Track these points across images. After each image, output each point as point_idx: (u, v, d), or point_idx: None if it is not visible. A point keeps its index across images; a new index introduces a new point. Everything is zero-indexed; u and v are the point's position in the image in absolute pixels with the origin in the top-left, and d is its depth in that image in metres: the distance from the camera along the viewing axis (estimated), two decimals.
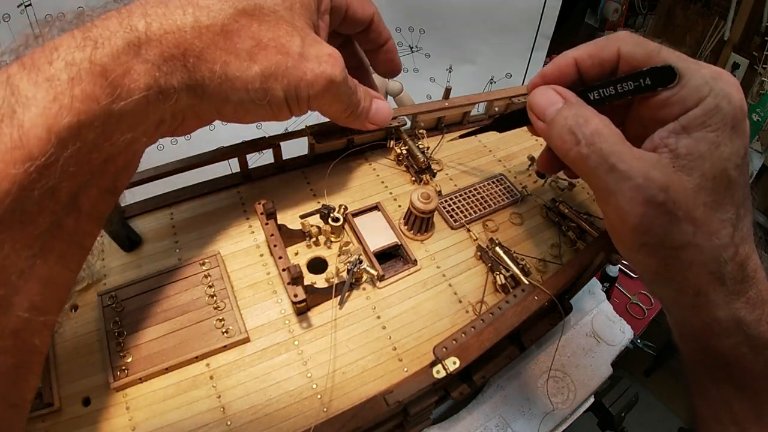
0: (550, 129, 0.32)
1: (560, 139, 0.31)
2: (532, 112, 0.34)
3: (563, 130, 0.31)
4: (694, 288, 0.30)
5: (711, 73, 0.28)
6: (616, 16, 1.28)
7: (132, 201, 0.47)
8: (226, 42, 0.28)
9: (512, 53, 0.94)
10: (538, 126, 0.34)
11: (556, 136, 0.32)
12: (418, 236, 0.47)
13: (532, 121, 0.35)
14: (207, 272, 0.41)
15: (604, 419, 0.62)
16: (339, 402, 0.36)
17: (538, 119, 0.34)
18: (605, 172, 0.28)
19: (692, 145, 0.28)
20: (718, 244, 0.29)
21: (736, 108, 0.28)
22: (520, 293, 0.41)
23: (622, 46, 0.31)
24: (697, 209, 0.28)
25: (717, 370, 0.34)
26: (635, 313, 0.91)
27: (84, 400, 0.35)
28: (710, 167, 0.28)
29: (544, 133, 0.34)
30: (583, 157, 0.29)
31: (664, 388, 1.30)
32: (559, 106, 0.32)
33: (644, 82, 0.30)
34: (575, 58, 0.34)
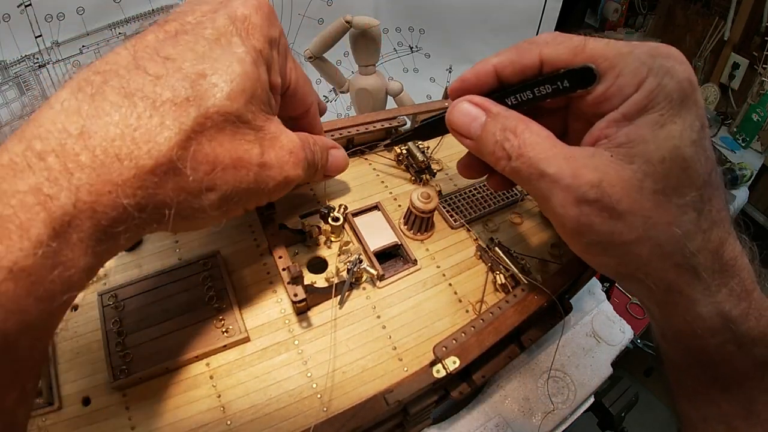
0: (480, 146, 0.31)
1: (492, 156, 0.30)
2: (455, 131, 0.33)
3: (495, 147, 0.29)
4: (662, 284, 0.28)
5: (648, 51, 0.26)
6: (616, 16, 1.28)
7: None
8: (175, 179, 0.22)
9: None
10: (466, 144, 0.33)
11: (487, 153, 0.30)
12: (418, 236, 0.47)
13: (457, 139, 0.33)
14: (207, 272, 0.41)
15: (604, 419, 0.62)
16: (339, 402, 0.36)
17: (463, 138, 0.32)
18: (537, 179, 0.27)
19: (633, 131, 0.26)
20: (679, 234, 0.26)
21: (681, 80, 0.25)
22: (520, 293, 0.41)
23: (543, 49, 0.29)
24: (644, 199, 0.25)
25: (703, 371, 0.32)
26: (635, 313, 0.91)
27: (84, 400, 0.35)
28: (656, 150, 0.25)
29: (474, 149, 0.32)
30: (515, 170, 0.29)
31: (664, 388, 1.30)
32: (482, 120, 0.31)
33: (562, 85, 0.29)
34: (494, 66, 0.32)
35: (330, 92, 0.96)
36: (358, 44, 0.60)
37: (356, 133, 0.51)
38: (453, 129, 0.33)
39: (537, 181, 0.28)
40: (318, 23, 0.86)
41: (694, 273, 0.27)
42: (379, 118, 0.54)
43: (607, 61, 0.26)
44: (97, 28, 0.70)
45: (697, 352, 0.31)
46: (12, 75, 0.67)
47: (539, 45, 0.29)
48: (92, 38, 0.70)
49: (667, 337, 0.33)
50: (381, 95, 0.66)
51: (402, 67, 0.97)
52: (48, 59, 0.68)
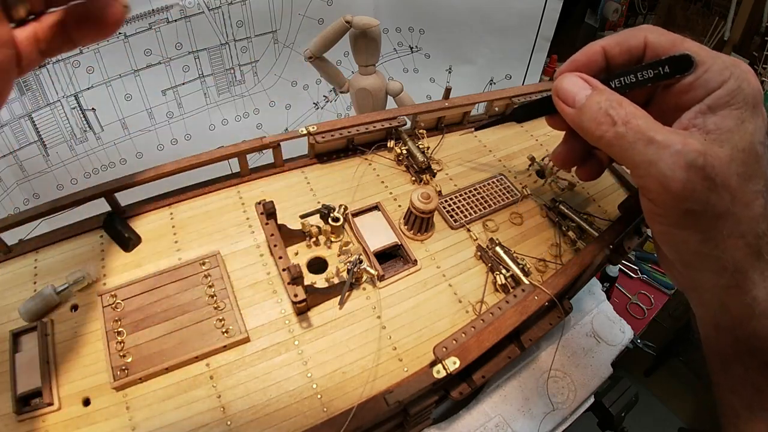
0: (582, 114, 0.33)
1: (595, 122, 0.32)
2: (560, 99, 0.34)
3: (598, 113, 0.31)
4: (732, 263, 0.31)
5: (730, 60, 0.30)
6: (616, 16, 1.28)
7: (132, 201, 0.47)
8: None
9: (512, 54, 0.94)
10: (567, 112, 0.34)
11: (590, 119, 0.32)
12: (418, 236, 0.47)
13: (559, 108, 0.35)
14: (207, 272, 0.41)
15: (604, 419, 0.62)
16: (339, 402, 0.36)
17: (566, 105, 0.34)
18: (644, 145, 0.29)
19: (720, 121, 0.29)
20: (753, 215, 0.29)
21: (755, 90, 0.29)
22: (520, 293, 0.41)
23: (649, 34, 0.32)
24: (732, 178, 0.29)
25: (751, 357, 0.34)
26: (635, 313, 0.91)
27: (84, 400, 0.35)
28: (739, 140, 0.29)
29: (573, 118, 0.34)
30: (621, 136, 0.30)
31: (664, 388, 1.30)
32: (589, 92, 0.33)
33: (663, 70, 0.31)
34: (603, 47, 0.35)
35: (330, 92, 0.96)
36: (358, 44, 0.60)
37: (356, 133, 0.51)
38: (559, 95, 0.35)
39: (645, 147, 0.29)
40: (318, 23, 0.86)
41: (759, 255, 0.30)
42: (379, 118, 0.54)
43: (700, 57, 0.30)
44: None
45: (748, 338, 0.33)
46: None
47: (644, 30, 0.33)
48: None
49: (721, 325, 0.35)
50: (381, 95, 0.66)
51: (402, 67, 0.97)
52: (48, 59, 0.68)
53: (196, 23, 0.77)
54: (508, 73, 0.97)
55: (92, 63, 0.72)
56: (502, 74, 0.97)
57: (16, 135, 0.71)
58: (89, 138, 0.78)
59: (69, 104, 0.73)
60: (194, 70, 0.81)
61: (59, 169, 0.77)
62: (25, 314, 0.37)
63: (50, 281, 0.40)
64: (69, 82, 0.72)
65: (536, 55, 0.93)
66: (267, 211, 0.42)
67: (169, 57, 0.78)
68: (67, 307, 0.39)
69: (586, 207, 0.52)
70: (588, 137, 0.33)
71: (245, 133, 0.88)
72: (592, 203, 0.53)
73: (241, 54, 0.84)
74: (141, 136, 0.82)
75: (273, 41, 0.86)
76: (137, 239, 0.44)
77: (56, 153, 0.76)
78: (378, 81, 0.65)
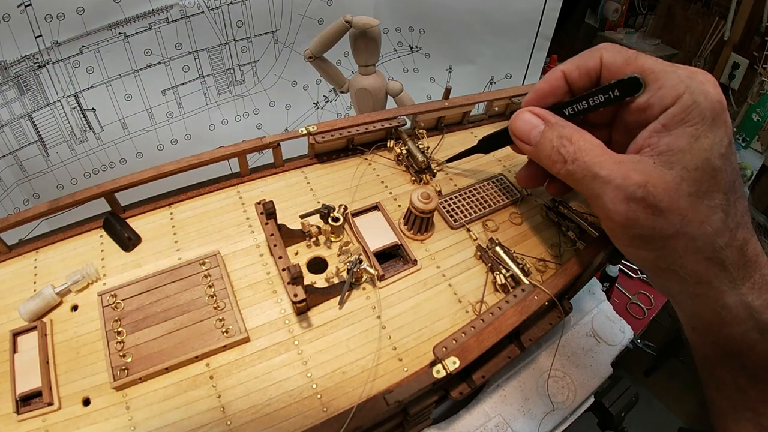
0: (538, 151, 0.35)
1: (549, 160, 0.34)
2: (517, 137, 0.37)
3: (552, 151, 0.34)
4: (694, 276, 0.31)
5: (686, 73, 0.31)
6: (616, 16, 1.28)
7: (132, 201, 0.47)
8: None
9: (512, 54, 0.94)
10: (525, 149, 0.37)
11: (544, 157, 0.35)
12: (418, 236, 0.47)
13: (518, 145, 0.37)
14: (207, 272, 0.41)
15: (604, 419, 0.62)
16: (339, 402, 0.36)
17: (522, 143, 0.37)
18: (590, 180, 0.31)
19: (672, 141, 0.30)
20: (710, 231, 0.30)
21: (713, 102, 0.29)
22: (520, 293, 0.41)
23: (603, 53, 0.34)
24: (681, 199, 0.29)
25: (730, 360, 0.34)
26: (635, 313, 0.91)
27: (84, 400, 0.35)
28: (691, 159, 0.29)
29: (531, 155, 0.36)
30: (570, 173, 0.33)
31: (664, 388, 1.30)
32: (541, 128, 0.35)
33: (613, 94, 0.33)
34: (563, 71, 0.36)
35: (330, 92, 0.96)
36: (358, 44, 0.60)
37: (356, 133, 0.51)
38: (515, 135, 0.37)
39: (590, 182, 0.31)
40: (318, 23, 0.86)
41: (722, 266, 0.31)
42: (379, 118, 0.54)
43: (653, 74, 0.31)
44: (97, 28, 0.70)
45: (724, 342, 0.34)
46: (12, 75, 0.67)
47: (600, 50, 0.34)
48: (92, 38, 0.70)
49: (697, 330, 0.36)
50: (381, 95, 0.66)
51: (402, 67, 0.97)
52: (48, 59, 0.68)
53: (196, 23, 0.77)
54: (508, 73, 0.97)
55: (92, 63, 0.72)
56: (503, 73, 0.97)
57: (16, 135, 0.71)
58: (89, 138, 0.78)
59: (69, 104, 0.73)
60: (194, 70, 0.81)
61: (59, 169, 0.77)
62: (25, 314, 0.37)
63: (50, 281, 0.40)
64: (69, 82, 0.72)
65: (536, 54, 0.93)
66: (267, 211, 0.42)
67: (169, 57, 0.78)
68: (67, 307, 0.39)
69: (586, 207, 0.52)
70: (547, 169, 0.35)
71: (245, 133, 0.89)
72: None
73: (241, 54, 0.84)
74: (141, 136, 0.82)
75: (273, 41, 0.86)
76: (137, 239, 0.44)
77: (56, 153, 0.76)
78: (378, 81, 0.65)
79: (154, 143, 0.84)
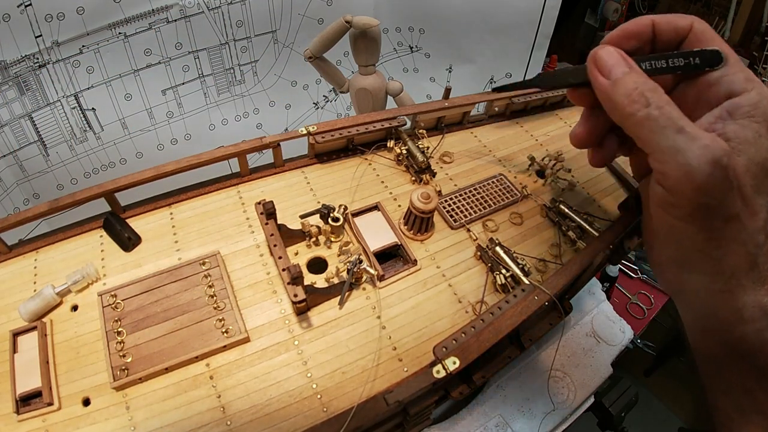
0: (616, 87, 0.33)
1: (629, 99, 0.32)
2: (596, 67, 0.34)
3: (633, 91, 0.32)
4: (730, 268, 0.31)
5: (753, 76, 0.32)
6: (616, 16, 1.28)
7: (132, 201, 0.47)
8: None
9: (512, 53, 0.94)
10: (601, 82, 0.34)
11: (623, 94, 0.32)
12: (418, 236, 0.47)
13: (593, 76, 0.35)
14: (207, 272, 0.41)
15: (604, 419, 0.62)
16: (339, 402, 0.36)
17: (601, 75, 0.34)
18: (674, 132, 0.30)
19: (739, 130, 0.30)
20: (757, 225, 0.30)
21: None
22: (520, 293, 0.41)
23: (695, 22, 0.34)
24: (745, 186, 0.30)
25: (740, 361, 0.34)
26: (635, 313, 0.91)
27: (84, 400, 0.35)
28: (755, 153, 0.30)
29: (606, 90, 0.33)
30: (653, 118, 0.31)
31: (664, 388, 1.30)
32: (626, 69, 0.33)
33: (693, 61, 0.33)
34: (653, 20, 0.35)
35: (330, 92, 0.96)
36: (358, 44, 0.60)
37: (356, 133, 0.51)
38: (596, 64, 0.34)
39: (674, 134, 0.30)
40: (318, 23, 0.86)
41: (754, 264, 0.31)
42: (379, 118, 0.54)
43: (732, 58, 0.32)
44: (97, 28, 0.70)
45: (736, 342, 0.33)
46: (12, 75, 0.67)
47: (691, 18, 0.34)
48: (92, 38, 0.70)
49: (709, 330, 0.36)
50: (381, 95, 0.66)
51: (402, 67, 0.97)
52: (48, 59, 0.68)
53: (196, 23, 0.77)
54: (508, 72, 0.97)
55: (92, 63, 0.72)
56: (503, 73, 0.97)
57: (16, 135, 0.71)
58: (89, 138, 0.78)
59: (69, 104, 0.73)
60: (194, 70, 0.81)
61: (59, 169, 0.77)
62: (25, 314, 0.37)
63: (50, 281, 0.40)
64: (69, 82, 0.72)
65: (536, 53, 0.93)
66: (267, 211, 0.42)
67: (169, 57, 0.78)
68: (67, 307, 0.39)
69: (586, 207, 0.52)
70: (615, 113, 0.33)
71: (245, 133, 0.88)
72: (592, 203, 0.53)
73: (241, 54, 0.84)
74: (141, 136, 0.82)
75: (273, 41, 0.86)
76: (137, 239, 0.44)
77: (56, 153, 0.76)
78: (378, 81, 0.65)
79: (154, 143, 0.84)
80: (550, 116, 0.66)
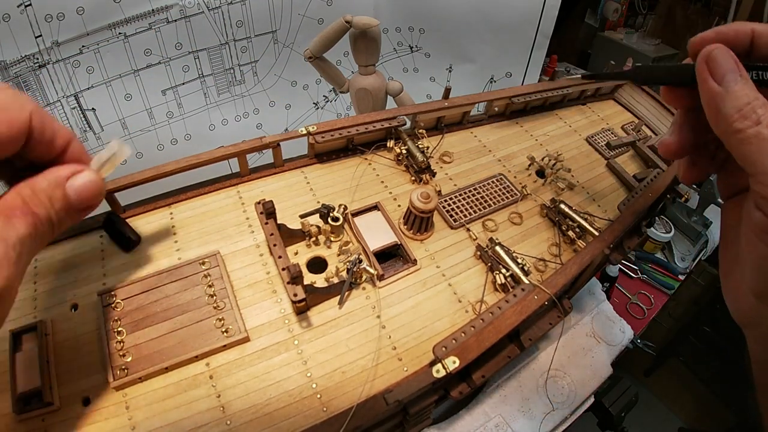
0: (727, 97, 0.30)
1: (739, 113, 0.29)
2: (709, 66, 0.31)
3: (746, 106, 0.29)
4: None
5: None
6: (616, 15, 1.29)
7: (132, 201, 0.47)
8: None
9: (512, 52, 0.94)
10: (710, 87, 0.31)
11: (733, 107, 0.29)
12: (417, 236, 0.47)
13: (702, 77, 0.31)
14: (207, 272, 0.41)
15: (604, 419, 0.62)
16: (339, 402, 0.36)
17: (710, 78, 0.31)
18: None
19: None
20: None
21: None
22: (519, 293, 0.41)
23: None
24: None
25: None
26: (635, 313, 0.91)
27: (84, 400, 0.35)
28: None
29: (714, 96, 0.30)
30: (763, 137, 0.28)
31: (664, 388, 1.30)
32: (739, 79, 0.30)
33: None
34: (753, 29, 0.31)
35: (330, 92, 0.96)
36: (358, 44, 0.60)
37: (356, 133, 0.51)
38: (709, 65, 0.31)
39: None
40: (318, 23, 0.86)
41: None
42: (379, 118, 0.54)
43: None
44: (97, 28, 0.70)
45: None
46: (12, 75, 0.67)
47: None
48: (92, 38, 0.70)
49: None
50: (381, 95, 0.66)
51: (402, 67, 0.97)
52: (48, 59, 0.69)
53: (196, 23, 0.77)
54: (508, 71, 0.97)
55: (92, 63, 0.72)
56: (503, 72, 0.97)
57: None
58: (89, 138, 0.78)
59: (69, 104, 0.74)
60: (194, 70, 0.82)
61: None
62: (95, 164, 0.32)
63: (50, 281, 0.40)
64: (69, 82, 0.72)
65: (536, 53, 0.93)
66: (267, 210, 0.42)
67: (169, 57, 0.78)
68: (67, 306, 0.39)
69: (586, 207, 0.52)
70: (720, 124, 0.30)
71: (245, 133, 0.88)
72: (592, 203, 0.53)
73: (241, 54, 0.84)
74: (141, 136, 0.82)
75: (273, 41, 0.86)
76: (137, 239, 0.44)
77: None
78: (378, 81, 0.65)
79: (154, 143, 0.84)
80: (550, 116, 0.66)
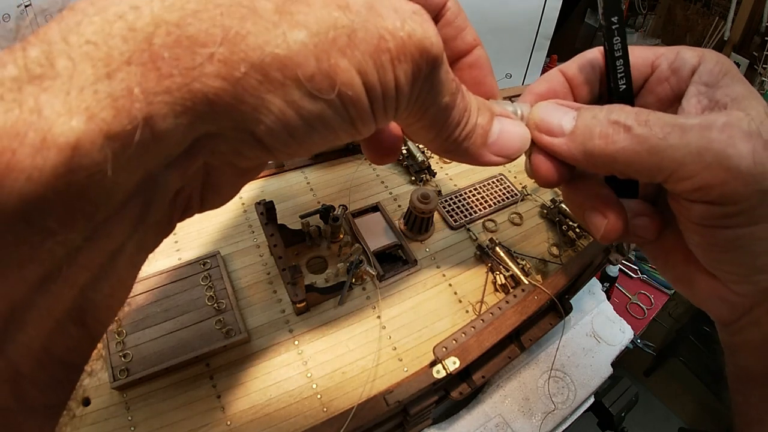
0: (576, 136, 0.26)
1: (601, 139, 0.25)
2: (540, 131, 0.28)
3: (600, 125, 0.25)
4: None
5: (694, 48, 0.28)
6: None
7: None
8: None
9: (512, 53, 0.94)
10: (555, 144, 0.27)
11: (591, 138, 0.26)
12: (418, 236, 0.47)
13: (543, 143, 0.28)
14: (207, 272, 0.41)
15: (604, 419, 0.62)
16: (339, 402, 0.36)
17: (549, 138, 0.28)
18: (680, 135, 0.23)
19: (729, 90, 0.26)
20: None
21: None
22: (520, 293, 0.41)
23: None
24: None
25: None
26: (635, 313, 0.91)
27: (84, 400, 0.35)
28: (757, 104, 0.25)
29: (568, 146, 0.27)
30: (644, 138, 0.24)
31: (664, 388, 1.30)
32: (573, 113, 0.27)
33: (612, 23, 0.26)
34: (560, 70, 0.29)
35: None
36: None
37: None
38: (540, 128, 0.28)
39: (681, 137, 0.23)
40: None
41: None
42: None
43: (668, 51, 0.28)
44: None
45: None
46: None
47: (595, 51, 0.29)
48: None
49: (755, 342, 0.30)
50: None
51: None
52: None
53: None
54: (508, 72, 0.97)
55: None
56: (503, 73, 0.97)
57: None
58: None
59: None
60: None
61: None
62: None
63: None
64: None
65: (536, 53, 0.93)
66: (267, 210, 0.42)
67: None
68: None
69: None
70: (596, 162, 0.26)
71: None
72: None
73: None
74: None
75: None
76: None
77: None
78: None
79: None
80: None
